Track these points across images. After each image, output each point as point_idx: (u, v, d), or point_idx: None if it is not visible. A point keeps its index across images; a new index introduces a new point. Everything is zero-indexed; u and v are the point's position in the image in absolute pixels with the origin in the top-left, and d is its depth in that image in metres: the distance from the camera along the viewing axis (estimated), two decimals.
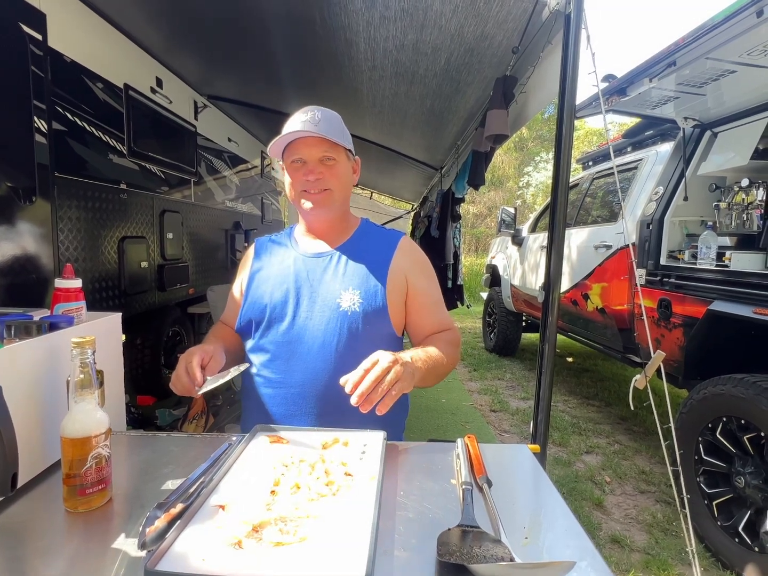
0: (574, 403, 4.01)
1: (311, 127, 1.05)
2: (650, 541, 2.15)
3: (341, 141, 1.10)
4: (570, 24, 1.53)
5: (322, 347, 1.07)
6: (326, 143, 1.08)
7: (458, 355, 1.18)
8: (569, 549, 0.67)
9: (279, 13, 2.25)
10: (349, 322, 1.08)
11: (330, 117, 1.12)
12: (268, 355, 1.11)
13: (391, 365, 0.85)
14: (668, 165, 2.92)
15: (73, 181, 2.22)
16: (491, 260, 5.99)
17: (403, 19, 2.08)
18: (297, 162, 1.11)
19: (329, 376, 1.05)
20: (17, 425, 0.70)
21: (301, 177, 1.10)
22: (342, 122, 1.16)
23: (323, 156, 1.10)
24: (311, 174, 1.09)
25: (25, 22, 1.88)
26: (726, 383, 1.97)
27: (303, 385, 1.07)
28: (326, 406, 1.06)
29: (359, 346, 1.06)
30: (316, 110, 1.10)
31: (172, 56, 3.00)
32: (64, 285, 0.96)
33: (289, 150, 1.11)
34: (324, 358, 1.07)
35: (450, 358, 1.09)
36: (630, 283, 2.92)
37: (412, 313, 1.17)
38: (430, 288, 1.20)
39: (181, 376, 0.95)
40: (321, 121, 1.07)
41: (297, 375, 1.08)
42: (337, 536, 0.63)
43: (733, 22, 1.69)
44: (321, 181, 1.10)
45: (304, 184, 1.10)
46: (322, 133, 1.05)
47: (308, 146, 1.09)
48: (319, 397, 1.07)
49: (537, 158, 16.23)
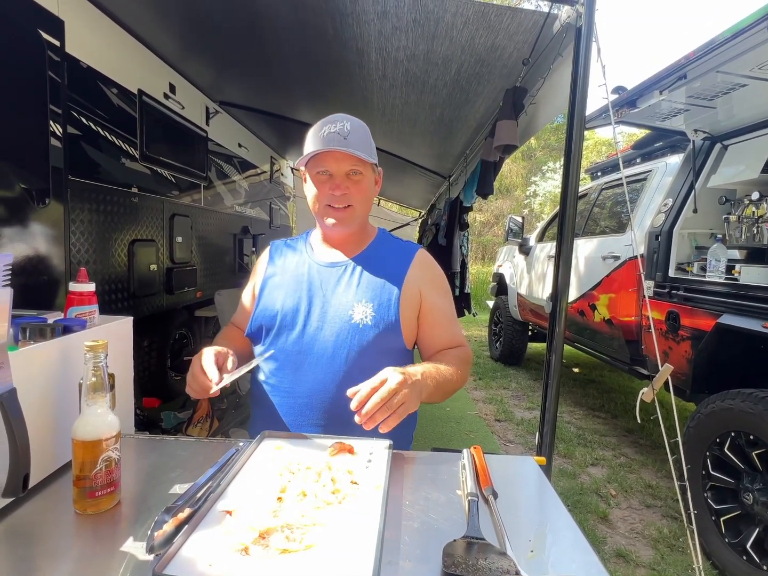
0: (580, 414, 3.98)
1: (341, 141, 1.04)
2: (656, 556, 2.13)
3: (369, 156, 1.08)
4: (581, 37, 1.55)
5: (331, 359, 1.07)
6: (355, 158, 1.06)
7: (468, 373, 1.16)
8: (575, 563, 0.67)
9: (291, 22, 2.28)
10: (360, 335, 1.07)
11: (358, 128, 1.09)
12: (276, 363, 1.10)
13: (398, 387, 0.84)
14: (678, 177, 2.92)
15: (86, 185, 2.25)
16: (498, 269, 5.98)
17: (414, 29, 2.10)
18: (323, 174, 1.09)
19: (337, 388, 1.05)
20: (30, 426, 0.71)
21: (327, 191, 1.08)
22: (369, 134, 1.14)
23: (350, 170, 1.08)
24: (338, 189, 1.07)
25: (43, 28, 1.92)
26: (734, 398, 1.95)
27: (311, 395, 1.07)
28: (333, 418, 1.06)
29: (369, 359, 1.05)
30: (345, 120, 1.07)
31: (186, 63, 3.04)
32: (78, 289, 0.97)
33: (315, 160, 1.08)
34: (333, 369, 1.06)
35: (460, 375, 1.07)
36: (638, 295, 2.90)
37: (425, 328, 1.15)
38: (444, 303, 1.18)
39: (197, 375, 0.94)
40: (350, 134, 1.05)
41: (305, 385, 1.07)
42: (343, 545, 0.63)
43: (744, 36, 1.70)
44: (346, 196, 1.08)
45: (330, 198, 1.09)
46: (352, 149, 1.04)
47: (336, 160, 1.06)
48: (327, 409, 1.06)
49: (545, 167, 16.22)
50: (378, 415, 0.82)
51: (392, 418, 0.84)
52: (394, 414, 0.84)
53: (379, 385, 0.84)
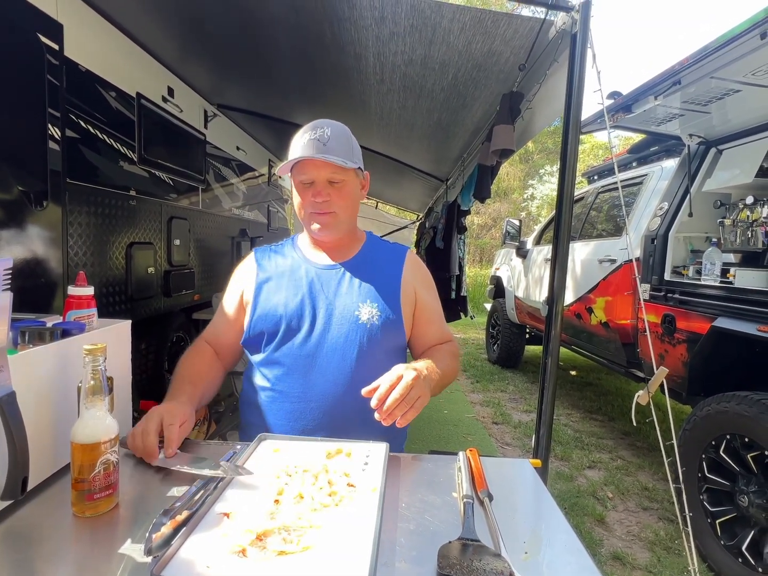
0: (576, 417, 3.99)
1: (320, 147, 1.05)
2: (652, 559, 2.13)
3: (349, 162, 1.08)
4: (576, 43, 1.56)
5: (342, 360, 1.08)
6: (334, 165, 1.07)
7: (459, 366, 1.23)
8: (569, 566, 0.68)
9: (289, 26, 2.29)
10: (369, 334, 1.09)
11: (338, 134, 1.10)
12: (283, 368, 1.10)
13: (413, 382, 0.87)
14: (673, 181, 2.94)
15: (84, 187, 2.25)
16: (495, 272, 6.00)
17: (411, 35, 2.11)
18: (305, 182, 1.10)
19: (348, 388, 1.06)
20: (28, 429, 0.72)
21: (310, 198, 1.10)
22: (351, 138, 1.15)
23: (331, 178, 1.09)
24: (319, 196, 1.09)
25: (42, 32, 1.92)
26: (730, 400, 1.96)
27: (323, 398, 1.07)
28: (345, 419, 1.07)
29: (376, 358, 1.08)
30: (325, 126, 1.08)
31: (184, 66, 3.05)
32: (77, 292, 0.97)
33: (297, 168, 1.11)
34: (344, 371, 1.08)
35: (453, 369, 1.13)
36: (634, 298, 2.92)
37: (420, 325, 1.20)
38: (434, 301, 1.24)
39: (136, 436, 0.88)
40: (330, 140, 1.06)
41: (316, 388, 1.08)
42: (340, 547, 0.64)
43: (737, 43, 1.72)
44: (328, 203, 1.10)
45: (312, 205, 1.10)
46: (331, 156, 1.05)
47: (317, 168, 1.08)
48: (338, 410, 1.07)
49: (542, 171, 16.30)
50: (397, 411, 0.84)
51: (410, 413, 0.86)
52: (412, 408, 0.86)
53: (396, 381, 0.86)
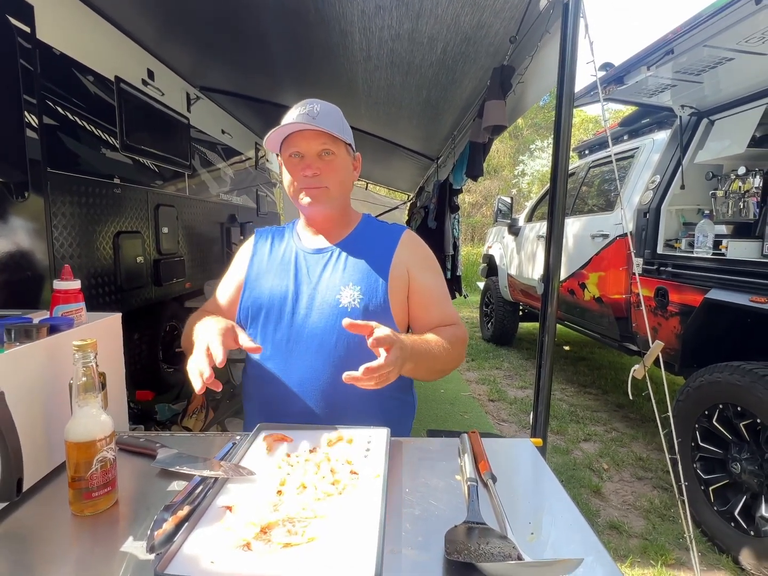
0: (571, 391, 4.05)
1: (309, 120, 1.02)
2: (648, 526, 2.19)
3: (341, 134, 1.06)
4: (568, 13, 1.52)
5: (320, 346, 1.05)
6: (324, 136, 1.04)
7: (463, 352, 1.12)
8: (574, 544, 0.68)
9: (272, 3, 2.21)
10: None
11: (329, 110, 1.08)
12: (266, 352, 1.09)
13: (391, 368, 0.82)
14: (665, 153, 2.92)
15: (66, 177, 2.19)
16: (488, 250, 5.99)
17: (398, 8, 2.04)
18: (294, 156, 1.08)
19: (329, 374, 1.04)
20: (20, 430, 0.70)
21: (299, 173, 1.07)
22: (342, 116, 1.13)
23: (322, 150, 1.06)
24: (309, 169, 1.05)
25: (12, 14, 1.83)
26: (722, 371, 1.99)
27: (302, 383, 1.06)
28: (326, 405, 1.05)
29: (358, 343, 1.02)
30: (315, 103, 1.06)
31: (164, 48, 2.94)
32: (63, 286, 0.94)
33: (286, 143, 1.08)
34: (323, 357, 1.05)
35: (450, 352, 1.03)
36: (627, 272, 2.93)
37: (416, 308, 1.14)
38: (434, 282, 1.16)
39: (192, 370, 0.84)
40: (320, 114, 1.04)
41: (296, 373, 1.06)
42: (345, 536, 0.64)
43: (731, 9, 1.68)
44: (319, 177, 1.06)
45: (303, 180, 1.07)
46: (321, 125, 1.02)
47: (306, 139, 1.05)
48: (319, 396, 1.05)
49: (532, 146, 16.17)
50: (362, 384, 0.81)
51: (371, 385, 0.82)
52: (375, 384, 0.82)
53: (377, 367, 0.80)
